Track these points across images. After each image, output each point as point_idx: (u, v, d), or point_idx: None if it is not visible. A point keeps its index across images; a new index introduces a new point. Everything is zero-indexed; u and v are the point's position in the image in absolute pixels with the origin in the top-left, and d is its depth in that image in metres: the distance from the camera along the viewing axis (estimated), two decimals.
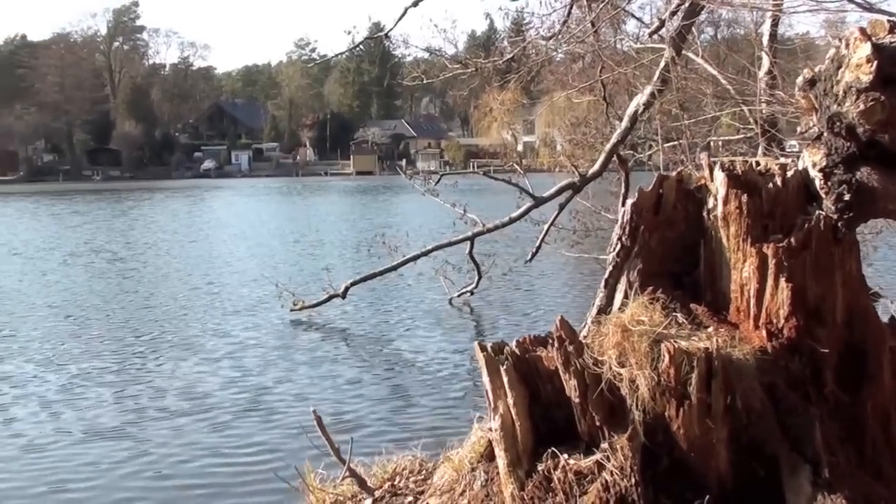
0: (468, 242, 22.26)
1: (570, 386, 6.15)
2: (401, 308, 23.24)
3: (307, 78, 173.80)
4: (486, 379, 6.39)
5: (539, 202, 20.63)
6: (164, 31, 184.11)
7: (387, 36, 24.46)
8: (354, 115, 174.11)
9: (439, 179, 24.02)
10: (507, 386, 6.25)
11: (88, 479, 11.38)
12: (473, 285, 23.24)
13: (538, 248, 21.60)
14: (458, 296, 23.34)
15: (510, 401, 6.26)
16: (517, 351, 6.38)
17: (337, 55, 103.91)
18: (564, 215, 21.26)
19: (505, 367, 6.25)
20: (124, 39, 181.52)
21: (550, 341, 6.32)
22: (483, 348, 6.39)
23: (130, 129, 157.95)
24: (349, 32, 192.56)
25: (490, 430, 6.55)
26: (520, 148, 32.82)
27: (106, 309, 24.00)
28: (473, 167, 73.78)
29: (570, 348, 6.14)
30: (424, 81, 24.58)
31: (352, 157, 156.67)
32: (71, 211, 70.91)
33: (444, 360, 17.41)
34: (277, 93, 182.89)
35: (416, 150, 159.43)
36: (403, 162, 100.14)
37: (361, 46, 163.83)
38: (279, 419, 13.61)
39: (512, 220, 21.28)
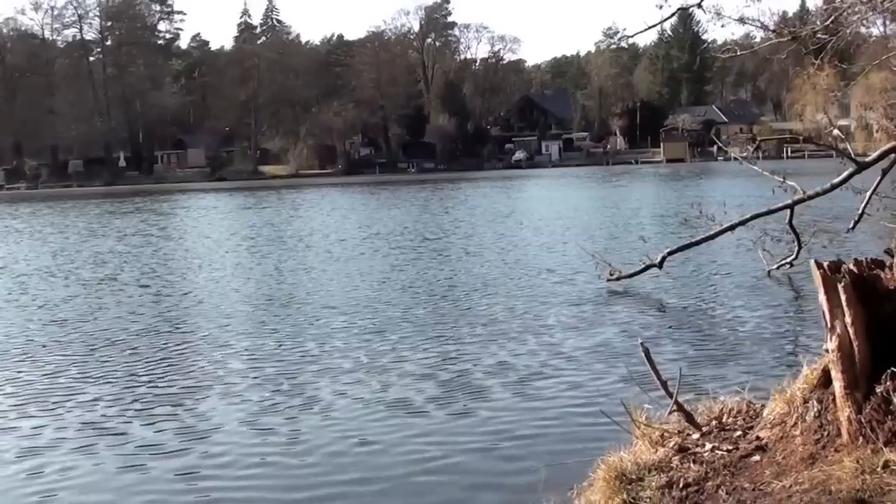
0: (787, 211, 21.65)
1: None
2: (718, 279, 22.90)
3: (616, 67, 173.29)
4: (822, 298, 6.29)
5: (861, 167, 19.89)
6: (474, 26, 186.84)
7: (699, 5, 24.13)
8: (664, 103, 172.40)
9: (756, 146, 23.52)
10: (844, 305, 6.13)
11: (413, 424, 11.88)
12: (793, 256, 22.37)
13: (860, 216, 20.80)
14: (777, 267, 22.57)
15: (848, 320, 6.14)
16: (855, 270, 6.25)
17: (648, 27, 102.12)
18: (886, 184, 20.42)
19: (843, 284, 6.13)
20: (436, 36, 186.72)
21: (889, 262, 6.18)
22: (819, 265, 6.29)
23: (443, 123, 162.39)
24: (660, 7, 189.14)
25: (826, 351, 6.45)
26: (835, 133, 31.81)
27: (431, 282, 24.92)
28: (787, 152, 71.98)
29: None
30: (738, 53, 24.15)
31: (662, 144, 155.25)
32: (393, 199, 73.63)
33: (764, 329, 16.92)
34: (586, 83, 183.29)
35: (727, 136, 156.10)
36: (715, 148, 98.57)
37: (670, 33, 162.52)
38: (600, 372, 13.96)
39: (833, 187, 20.57)
